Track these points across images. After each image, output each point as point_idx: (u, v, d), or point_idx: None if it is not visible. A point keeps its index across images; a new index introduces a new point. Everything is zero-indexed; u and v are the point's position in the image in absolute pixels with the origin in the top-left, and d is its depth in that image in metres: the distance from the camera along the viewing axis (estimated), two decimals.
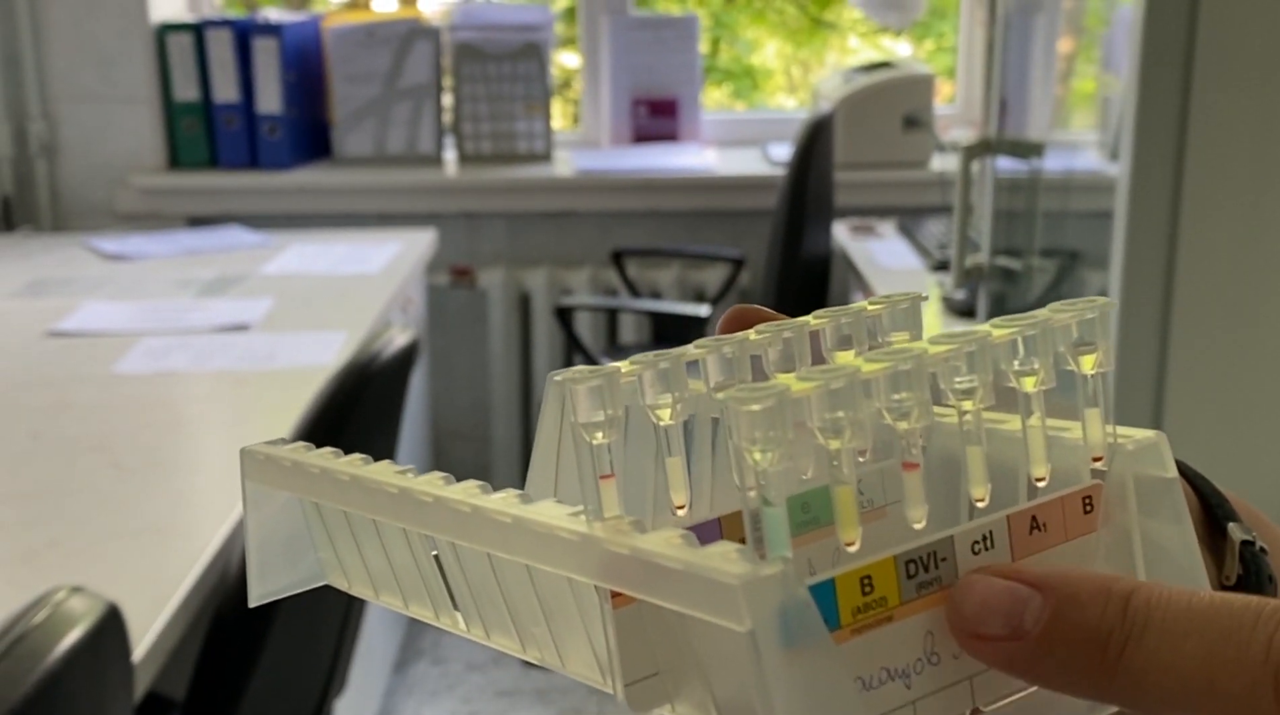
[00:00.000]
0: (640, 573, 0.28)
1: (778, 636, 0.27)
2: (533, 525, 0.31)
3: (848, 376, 0.30)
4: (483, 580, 0.34)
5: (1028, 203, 2.07)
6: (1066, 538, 0.33)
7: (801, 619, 0.27)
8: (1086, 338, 0.33)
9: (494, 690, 2.47)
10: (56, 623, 0.78)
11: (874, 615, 0.30)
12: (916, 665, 0.30)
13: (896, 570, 0.30)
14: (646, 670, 0.31)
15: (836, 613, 0.29)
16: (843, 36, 3.69)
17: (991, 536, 0.32)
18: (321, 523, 0.38)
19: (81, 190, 2.89)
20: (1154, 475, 0.33)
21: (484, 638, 0.34)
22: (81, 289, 2.22)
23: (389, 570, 0.36)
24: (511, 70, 2.96)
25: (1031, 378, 0.33)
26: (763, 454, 0.29)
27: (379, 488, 0.34)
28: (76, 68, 2.83)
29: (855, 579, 0.29)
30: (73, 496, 1.38)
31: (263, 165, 2.88)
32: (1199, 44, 1.29)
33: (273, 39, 2.82)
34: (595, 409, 0.32)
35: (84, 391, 1.72)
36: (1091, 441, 0.34)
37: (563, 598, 0.32)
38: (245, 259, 2.42)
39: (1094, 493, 0.33)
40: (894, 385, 0.31)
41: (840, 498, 0.30)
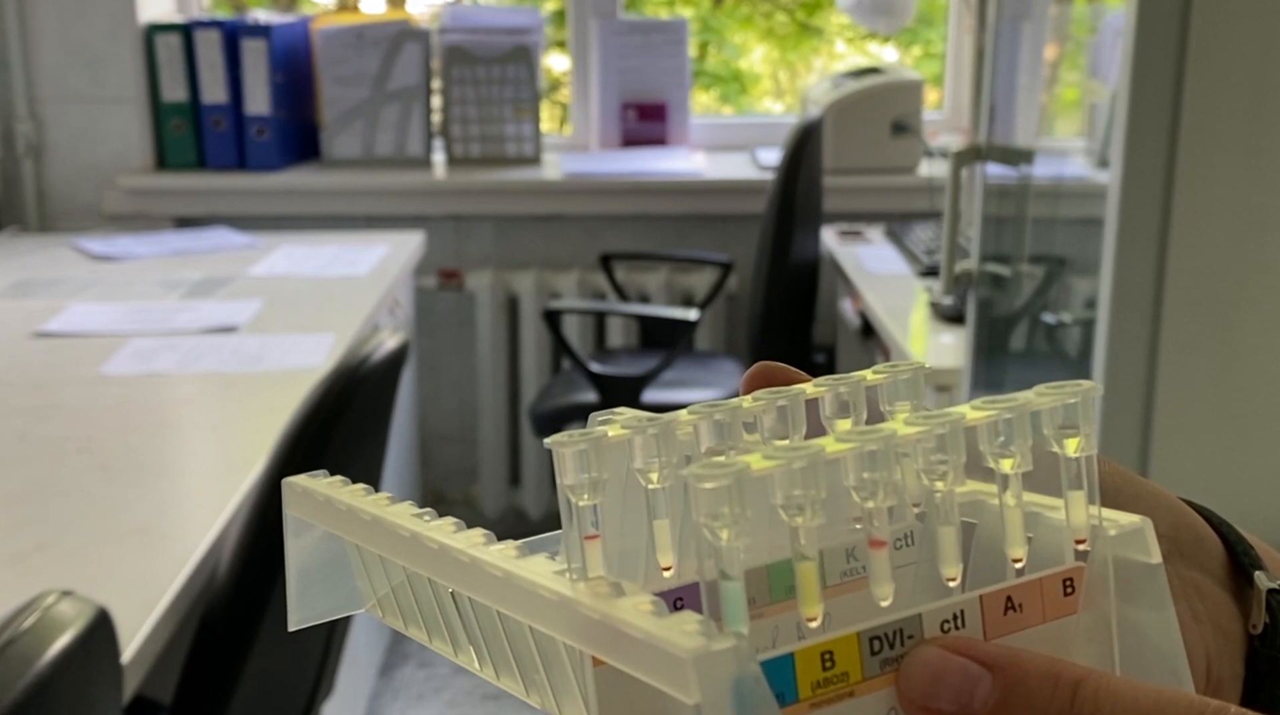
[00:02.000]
0: (609, 638, 0.29)
1: (731, 709, 0.27)
2: (520, 581, 0.32)
3: (811, 456, 0.30)
4: (489, 624, 0.35)
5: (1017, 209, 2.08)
6: (1045, 619, 0.33)
7: (753, 694, 0.28)
8: (1070, 421, 0.33)
9: (480, 694, 2.47)
10: (46, 627, 0.78)
11: (834, 690, 0.30)
12: None
13: (860, 646, 0.30)
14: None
15: (795, 687, 0.29)
16: (830, 42, 3.70)
17: (963, 615, 0.32)
18: (358, 553, 0.39)
19: (69, 191, 2.88)
20: (1137, 560, 0.33)
21: (494, 679, 0.35)
22: (68, 290, 2.21)
23: (414, 605, 0.38)
24: (500, 73, 2.96)
25: (1009, 460, 0.33)
26: (721, 530, 0.29)
27: (393, 531, 0.36)
28: (64, 68, 2.82)
29: (816, 654, 0.30)
30: (60, 499, 1.38)
31: (251, 167, 2.87)
32: (1190, 52, 1.29)
33: (261, 40, 2.81)
34: (580, 471, 0.33)
35: (71, 393, 1.71)
36: (1075, 524, 0.34)
37: (556, 650, 0.32)
38: (233, 260, 2.42)
39: (1075, 575, 0.33)
40: (863, 465, 0.31)
41: (802, 574, 0.31)
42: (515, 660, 0.34)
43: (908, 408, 0.36)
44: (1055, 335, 1.95)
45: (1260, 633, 0.36)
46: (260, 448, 1.41)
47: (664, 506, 0.34)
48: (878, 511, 0.31)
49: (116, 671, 0.90)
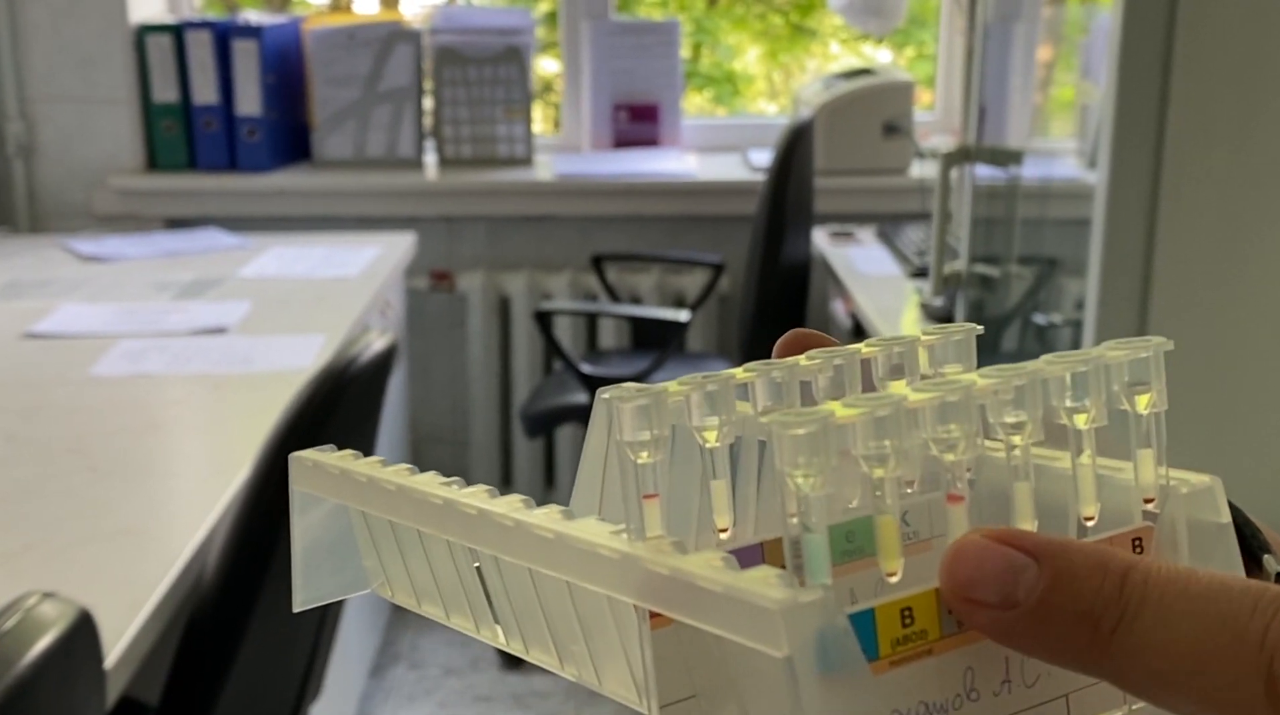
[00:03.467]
0: (680, 594, 0.28)
1: (815, 664, 0.26)
2: (575, 542, 0.30)
3: (894, 405, 0.30)
4: (523, 595, 0.34)
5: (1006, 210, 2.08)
6: None
7: (840, 647, 0.27)
8: (1140, 377, 0.33)
9: (472, 695, 2.46)
10: (27, 628, 0.78)
11: (913, 648, 0.29)
12: (955, 701, 0.30)
13: (938, 604, 0.30)
14: (683, 693, 0.30)
15: (876, 643, 0.29)
16: (824, 43, 3.70)
17: None
18: (367, 530, 0.38)
19: (59, 191, 2.87)
20: (1207, 520, 0.33)
21: (523, 652, 0.34)
22: (58, 291, 2.21)
23: (432, 581, 0.36)
24: (492, 74, 2.96)
25: (1083, 415, 0.33)
26: (805, 479, 0.28)
27: (424, 499, 0.34)
28: (55, 68, 2.82)
29: (896, 610, 0.29)
30: (48, 499, 1.38)
31: (242, 167, 2.87)
32: (1176, 52, 1.29)
33: (253, 41, 2.81)
34: (641, 428, 0.32)
35: (60, 394, 1.71)
36: (1143, 483, 0.33)
37: (601, 616, 0.31)
38: (223, 261, 2.42)
39: (1144, 535, 0.33)
40: (941, 416, 0.31)
41: (883, 528, 0.30)
42: (550, 631, 0.33)
43: (959, 370, 0.35)
44: (1046, 336, 1.95)
45: None
46: (249, 449, 1.41)
47: (723, 465, 0.33)
48: (957, 465, 0.31)
49: (99, 674, 0.90)
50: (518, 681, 2.49)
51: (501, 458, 3.06)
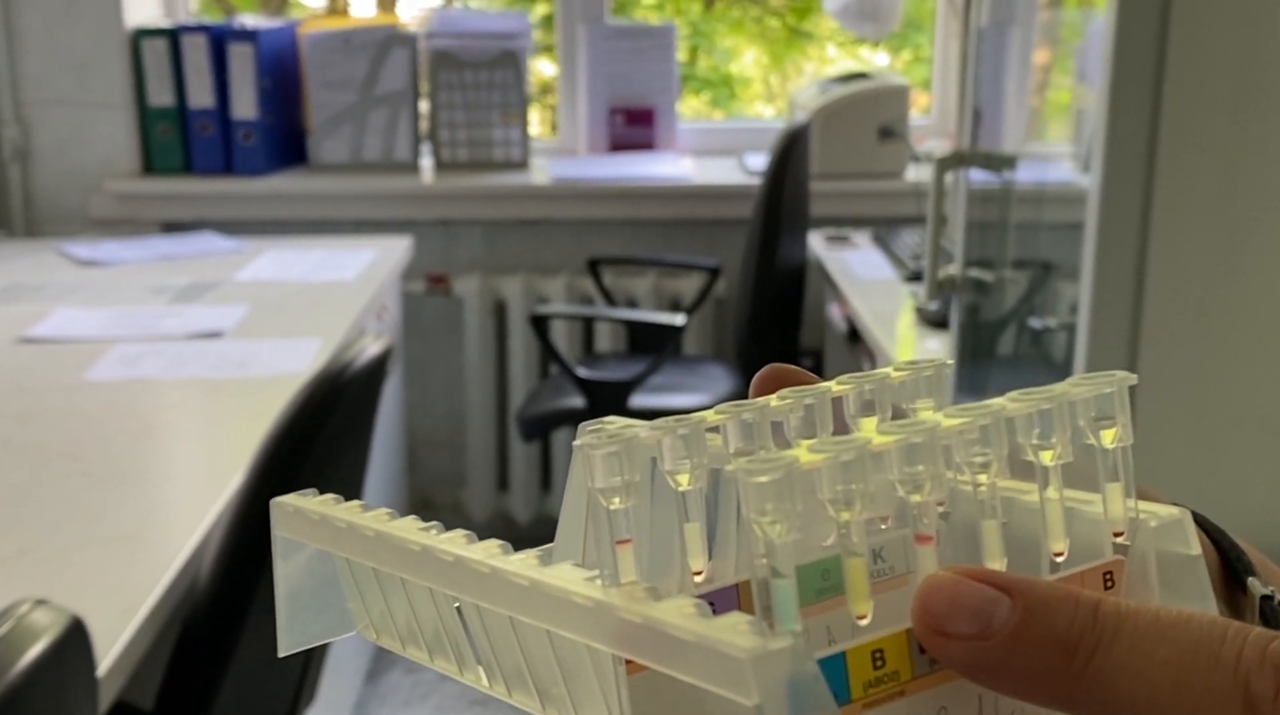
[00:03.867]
0: (652, 642, 0.28)
1: (787, 710, 0.27)
2: (549, 589, 0.31)
3: (858, 448, 0.30)
4: (503, 638, 0.34)
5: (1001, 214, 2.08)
6: None
7: (811, 693, 0.27)
8: (1105, 412, 0.33)
9: (467, 699, 2.46)
10: (19, 636, 0.78)
11: (885, 690, 0.29)
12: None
13: (909, 644, 0.30)
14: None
15: (848, 686, 0.29)
16: (820, 46, 3.70)
17: None
18: (350, 574, 0.38)
19: (55, 195, 2.87)
20: (1177, 552, 0.33)
21: (505, 695, 0.34)
22: (54, 295, 2.21)
23: (414, 624, 0.37)
24: (489, 78, 2.96)
25: (1049, 452, 0.33)
26: (772, 526, 0.29)
27: (402, 545, 0.34)
28: (51, 72, 2.82)
29: (867, 652, 0.29)
30: (43, 504, 1.37)
31: (238, 171, 2.87)
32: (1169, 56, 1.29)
33: (249, 45, 2.81)
34: (612, 474, 0.32)
35: (55, 398, 1.71)
36: (1113, 516, 0.33)
37: (580, 660, 0.32)
38: (219, 265, 2.42)
39: (1115, 568, 0.33)
40: (907, 458, 0.31)
41: (851, 570, 0.30)
42: (530, 674, 0.33)
43: (930, 405, 0.36)
44: (1041, 340, 1.95)
45: None
46: (244, 454, 1.41)
47: (696, 509, 0.34)
48: (924, 506, 0.31)
49: (91, 680, 0.90)
50: None
51: (498, 461, 3.06)
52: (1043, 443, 0.33)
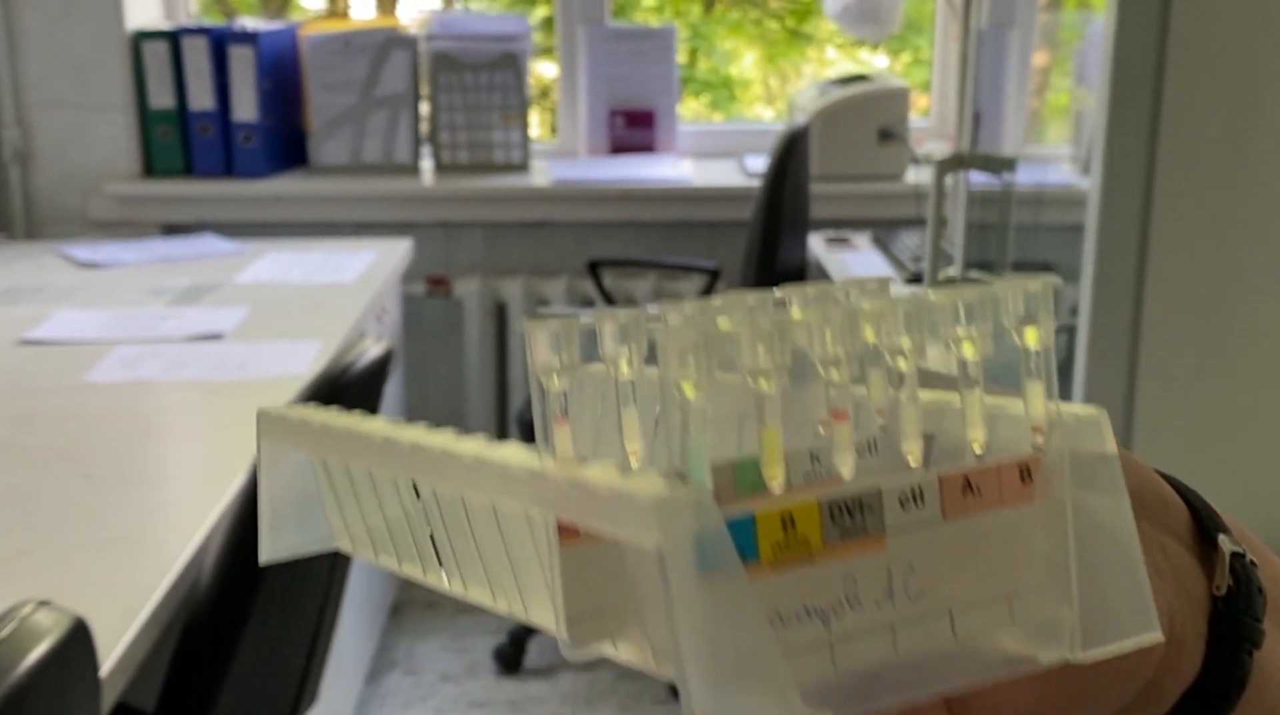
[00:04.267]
0: (576, 499, 0.30)
1: (693, 561, 0.27)
2: (491, 463, 0.32)
3: (778, 321, 0.31)
4: (458, 529, 0.35)
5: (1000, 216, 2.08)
6: (1002, 504, 0.33)
7: (717, 546, 0.28)
8: (1030, 312, 0.34)
9: (467, 701, 2.46)
10: (22, 637, 0.78)
11: (794, 554, 0.30)
12: (837, 608, 0.30)
13: (820, 513, 0.31)
14: (590, 608, 0.32)
15: (756, 547, 0.30)
16: (820, 48, 3.71)
17: (921, 493, 0.32)
18: (329, 482, 0.40)
19: (55, 197, 2.87)
20: (1093, 450, 0.34)
21: (463, 591, 0.36)
22: (54, 297, 2.21)
23: (385, 529, 0.38)
24: (489, 80, 2.96)
25: (970, 344, 0.33)
26: (687, 387, 0.30)
27: (368, 438, 0.36)
28: (51, 75, 2.82)
29: (777, 517, 0.30)
30: (43, 506, 1.38)
31: (238, 173, 2.87)
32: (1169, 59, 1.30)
33: (249, 47, 2.81)
34: (553, 354, 0.34)
35: (55, 400, 1.71)
36: (1032, 415, 0.34)
37: (525, 546, 0.33)
38: (219, 267, 2.42)
39: (1031, 464, 0.34)
40: (824, 334, 0.32)
41: (765, 437, 0.31)
42: (484, 567, 0.34)
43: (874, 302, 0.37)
44: None
45: (1224, 595, 0.36)
46: (244, 456, 1.41)
47: (632, 395, 0.35)
48: (841, 384, 0.32)
49: (94, 682, 0.90)
50: (514, 687, 2.49)
51: None
52: (966, 335, 0.33)
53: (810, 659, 0.30)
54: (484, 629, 2.66)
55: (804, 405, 0.32)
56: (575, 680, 2.51)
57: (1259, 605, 0.36)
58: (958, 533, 0.32)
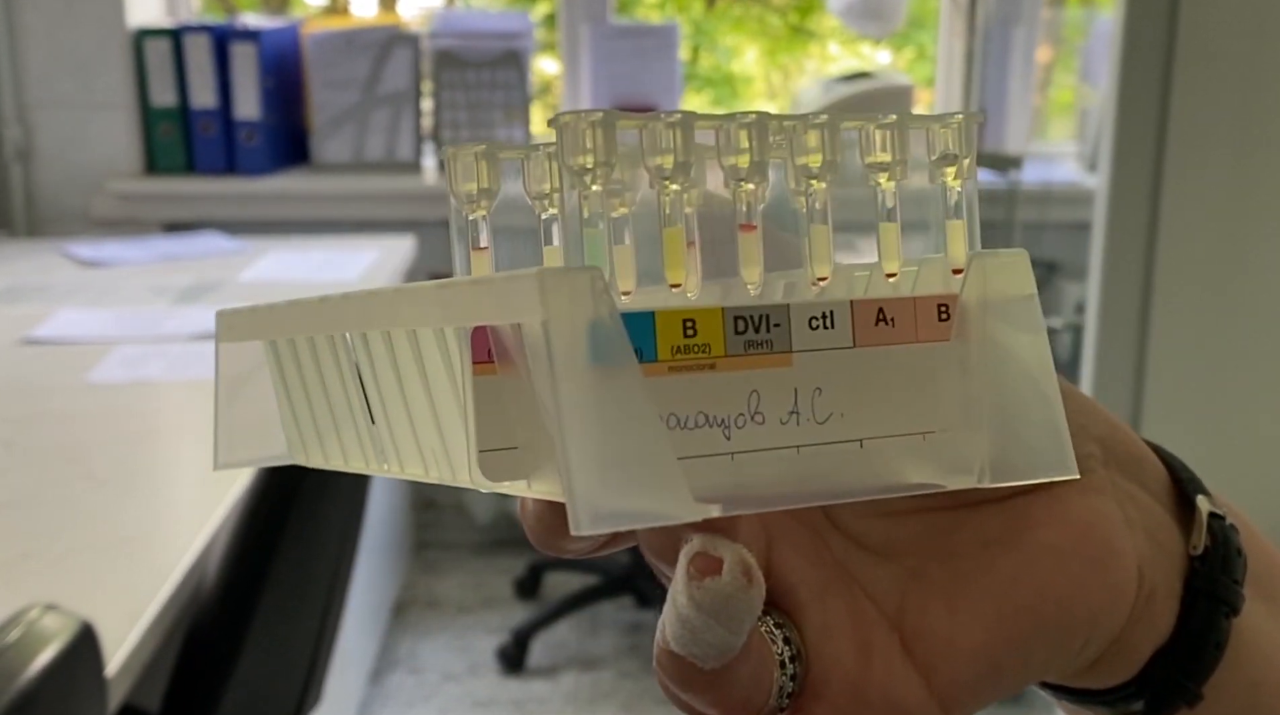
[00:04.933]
0: (474, 297, 0.29)
1: (585, 349, 0.27)
2: (408, 291, 0.32)
3: (683, 116, 0.30)
4: (389, 388, 0.34)
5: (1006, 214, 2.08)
6: (917, 339, 0.32)
7: (610, 337, 0.27)
8: (949, 148, 0.33)
9: (470, 700, 2.46)
10: (30, 642, 0.77)
11: (694, 359, 0.29)
12: (738, 419, 0.30)
13: (724, 322, 0.30)
14: (503, 442, 0.31)
15: (655, 346, 0.29)
16: (823, 44, 3.70)
17: (832, 316, 0.31)
18: (279, 369, 0.40)
19: (57, 196, 2.87)
20: (1013, 290, 0.33)
21: (399, 471, 0.35)
22: (56, 296, 2.20)
23: (331, 424, 0.38)
24: (491, 78, 2.95)
25: (886, 176, 0.33)
26: (588, 179, 0.29)
27: (307, 304, 0.37)
28: (53, 73, 2.81)
29: (677, 319, 0.29)
30: (46, 508, 1.37)
31: (240, 171, 2.86)
32: (1178, 56, 1.29)
33: (251, 45, 2.81)
34: (469, 180, 0.33)
35: (58, 401, 1.70)
36: (952, 254, 0.33)
37: (449, 402, 0.32)
38: (222, 266, 2.41)
39: (950, 302, 0.33)
40: (730, 137, 0.31)
41: (668, 239, 0.30)
42: (414, 432, 0.34)
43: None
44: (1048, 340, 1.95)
45: (1200, 554, 0.35)
46: None
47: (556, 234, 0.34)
48: (750, 194, 0.31)
49: (101, 686, 0.90)
50: (516, 687, 2.49)
51: None
52: (882, 167, 0.33)
53: (706, 466, 0.29)
54: (487, 628, 2.66)
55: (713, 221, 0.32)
56: (578, 680, 2.50)
57: (1238, 567, 0.36)
58: (869, 362, 0.32)
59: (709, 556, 0.29)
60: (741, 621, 0.29)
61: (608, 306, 0.27)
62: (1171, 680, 0.35)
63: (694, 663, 0.29)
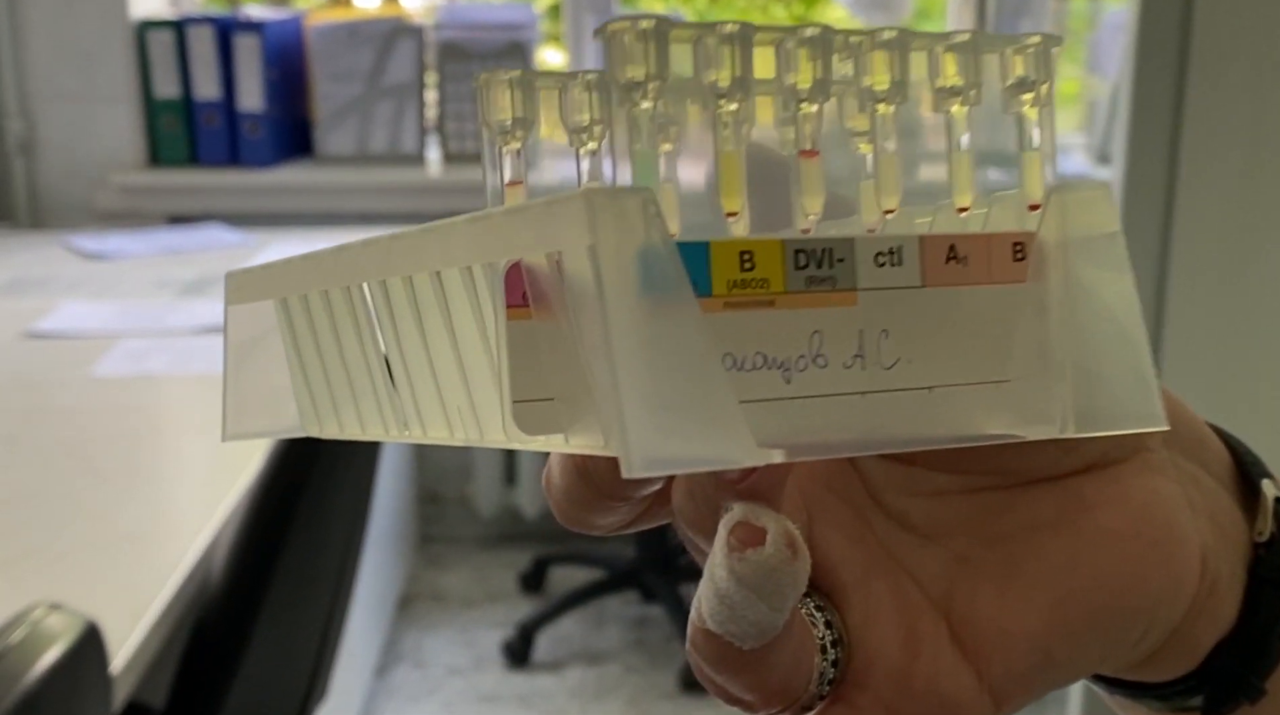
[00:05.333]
0: (509, 227, 0.27)
1: (636, 278, 0.24)
2: (435, 228, 0.30)
3: (742, 27, 0.28)
4: (411, 342, 0.32)
5: None
6: (991, 280, 0.30)
7: (664, 265, 0.25)
8: (1026, 72, 0.31)
9: (476, 695, 2.45)
10: (35, 641, 0.76)
11: (752, 294, 0.27)
12: (799, 362, 0.27)
13: (784, 256, 0.27)
14: (538, 393, 0.28)
15: (709, 279, 0.27)
16: None
17: (900, 253, 0.29)
18: (291, 331, 0.37)
19: (61, 188, 2.86)
20: (1096, 227, 0.31)
21: (422, 435, 0.33)
22: (60, 289, 2.19)
23: (348, 389, 0.35)
24: (496, 69, 2.94)
25: (958, 101, 0.30)
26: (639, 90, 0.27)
27: (321, 256, 0.35)
28: (55, 65, 2.80)
29: (734, 251, 0.27)
30: (50, 503, 1.36)
31: (244, 163, 2.85)
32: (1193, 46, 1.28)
33: (254, 36, 2.79)
34: (502, 109, 0.31)
35: (61, 395, 1.69)
36: (1028, 189, 0.31)
37: (478, 353, 0.30)
38: (226, 258, 2.40)
39: (1026, 240, 0.30)
40: (790, 60, 0.28)
41: (724, 163, 0.28)
42: (439, 390, 0.31)
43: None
44: None
45: (1266, 541, 0.34)
46: (254, 450, 1.40)
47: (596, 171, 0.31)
48: (812, 117, 0.29)
49: (106, 685, 0.89)
50: (522, 681, 2.48)
51: (505, 455, 3.05)
52: (953, 92, 0.30)
53: (764, 410, 0.27)
54: (492, 622, 2.65)
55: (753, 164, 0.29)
56: (584, 674, 2.49)
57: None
58: (940, 303, 0.29)
59: (751, 526, 0.27)
60: (784, 597, 0.27)
61: (661, 232, 0.25)
62: (1233, 673, 0.33)
63: (732, 642, 0.27)
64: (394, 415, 0.34)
